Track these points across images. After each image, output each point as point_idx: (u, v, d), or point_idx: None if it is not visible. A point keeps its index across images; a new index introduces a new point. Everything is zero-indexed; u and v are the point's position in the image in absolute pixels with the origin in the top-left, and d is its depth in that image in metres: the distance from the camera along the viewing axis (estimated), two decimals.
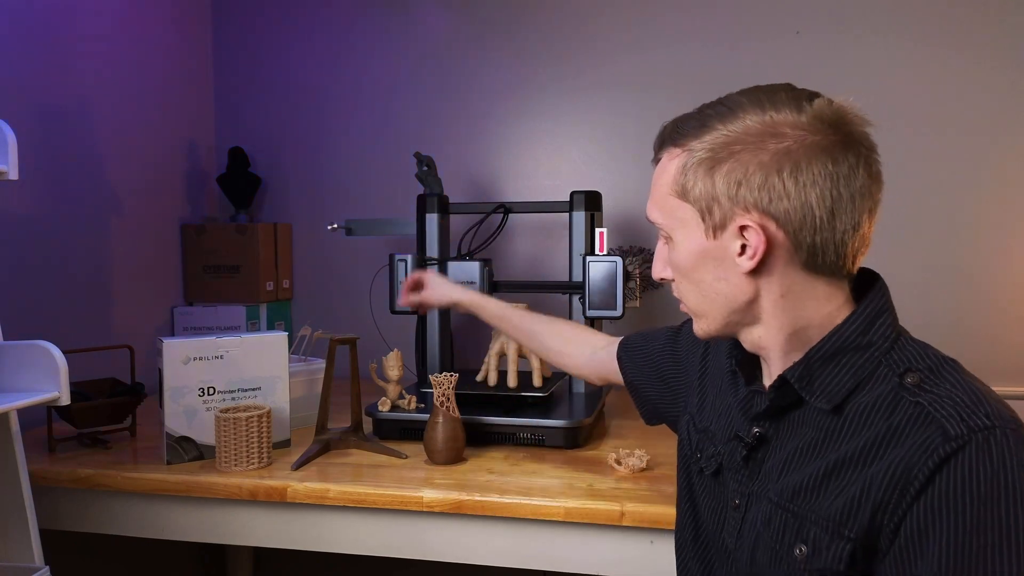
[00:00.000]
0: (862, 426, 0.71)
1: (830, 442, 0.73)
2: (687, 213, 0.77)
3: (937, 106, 1.85)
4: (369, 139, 2.16)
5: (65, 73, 1.72)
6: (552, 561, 1.22)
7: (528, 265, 2.08)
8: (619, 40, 2.00)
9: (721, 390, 0.91)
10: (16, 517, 1.14)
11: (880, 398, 0.72)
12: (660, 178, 0.79)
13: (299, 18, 2.19)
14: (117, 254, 1.87)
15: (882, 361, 0.73)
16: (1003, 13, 1.81)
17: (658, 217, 0.80)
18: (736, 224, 0.73)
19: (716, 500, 0.86)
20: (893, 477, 0.67)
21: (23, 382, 1.14)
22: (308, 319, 2.06)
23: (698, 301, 0.80)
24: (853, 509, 0.69)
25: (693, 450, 0.92)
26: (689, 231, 0.77)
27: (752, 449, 0.80)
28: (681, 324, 1.08)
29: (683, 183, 0.76)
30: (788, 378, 0.76)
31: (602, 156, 2.03)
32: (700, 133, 0.75)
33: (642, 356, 1.11)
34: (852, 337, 0.74)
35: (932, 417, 0.67)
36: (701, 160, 0.74)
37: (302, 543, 1.29)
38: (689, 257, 0.78)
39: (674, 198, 0.77)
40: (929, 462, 0.65)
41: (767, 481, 0.78)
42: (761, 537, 0.76)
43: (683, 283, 0.81)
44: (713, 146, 0.74)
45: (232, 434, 1.30)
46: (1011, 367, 1.83)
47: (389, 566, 1.47)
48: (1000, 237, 1.84)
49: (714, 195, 0.74)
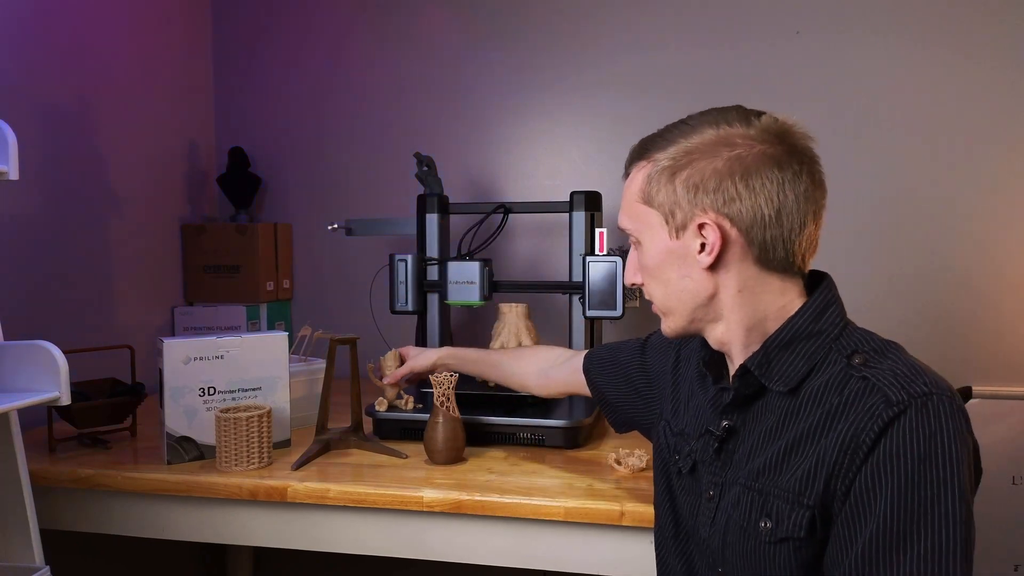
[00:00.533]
0: (816, 405, 0.79)
1: (788, 423, 0.80)
2: (653, 217, 0.85)
3: (937, 106, 1.85)
4: (369, 139, 2.16)
5: (65, 73, 1.72)
6: (552, 561, 1.22)
7: (528, 265, 2.08)
8: (619, 40, 2.00)
9: (693, 393, 0.97)
10: (16, 517, 1.14)
11: (831, 378, 0.79)
12: (628, 189, 0.88)
13: (299, 18, 2.19)
14: (117, 254, 1.87)
15: (832, 347, 0.81)
16: (1003, 13, 1.81)
17: (628, 224, 0.89)
18: (695, 223, 0.82)
19: (692, 495, 0.91)
20: (843, 444, 0.74)
21: (23, 382, 1.14)
22: (308, 319, 2.06)
23: (665, 299, 0.88)
24: (810, 479, 0.76)
25: (671, 453, 0.97)
26: (655, 233, 0.85)
27: (723, 441, 0.86)
28: (647, 336, 1.14)
29: (648, 190, 0.85)
30: (749, 366, 0.83)
31: (602, 156, 2.03)
32: (663, 146, 0.84)
33: (611, 368, 1.17)
34: (804, 326, 0.82)
35: (876, 387, 0.74)
36: (663, 168, 0.83)
37: (302, 543, 1.29)
38: (656, 257, 0.86)
39: (641, 204, 0.86)
40: (874, 426, 0.72)
41: (738, 469, 0.84)
42: (731, 519, 0.83)
43: (652, 283, 0.89)
44: (674, 156, 0.83)
45: (232, 434, 1.30)
46: (1009, 366, 1.83)
47: (389, 566, 1.47)
48: (997, 237, 1.84)
49: (675, 199, 0.83)
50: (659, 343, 1.10)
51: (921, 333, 1.83)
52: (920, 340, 0.80)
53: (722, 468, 0.86)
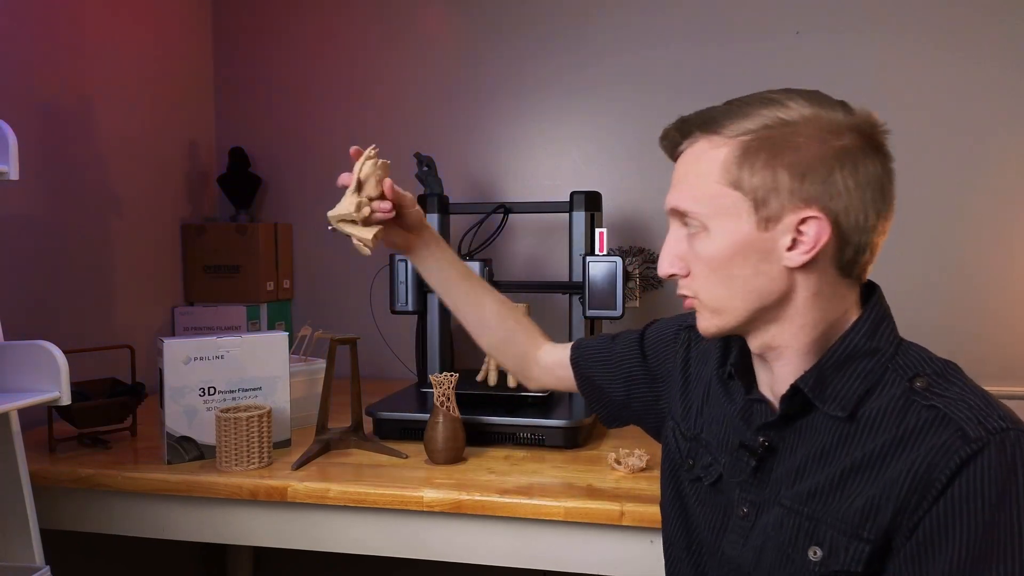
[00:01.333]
0: (875, 430, 0.73)
1: (844, 447, 0.74)
2: (736, 203, 0.74)
3: (937, 105, 1.85)
4: (369, 139, 2.16)
5: (66, 73, 1.72)
6: (552, 561, 1.22)
7: (528, 265, 2.08)
8: (619, 40, 2.00)
9: (711, 397, 0.91)
10: (16, 517, 1.14)
11: (891, 402, 0.73)
12: (697, 165, 0.76)
13: (299, 18, 2.19)
14: (117, 254, 1.87)
15: (888, 366, 0.75)
16: (1004, 13, 1.81)
17: (692, 206, 0.76)
18: (796, 217, 0.72)
19: (714, 509, 0.86)
20: (915, 478, 0.68)
21: (23, 382, 1.14)
22: (308, 319, 2.06)
23: (721, 296, 0.77)
24: (872, 511, 0.70)
25: (684, 457, 0.91)
26: (734, 222, 0.74)
27: (761, 459, 0.80)
28: (644, 328, 1.06)
29: (735, 171, 0.73)
30: (801, 387, 0.76)
31: (602, 156, 2.03)
32: (743, 119, 0.73)
33: (605, 359, 1.07)
34: (860, 342, 0.76)
35: (949, 419, 0.69)
36: (758, 149, 0.72)
37: (302, 543, 1.29)
38: (728, 248, 0.75)
39: (721, 186, 0.74)
40: (951, 463, 0.67)
41: (777, 488, 0.78)
42: (771, 540, 0.77)
43: (710, 278, 0.77)
44: (770, 134, 0.72)
45: (232, 434, 1.30)
46: (1009, 366, 1.83)
47: (389, 566, 1.47)
48: (999, 236, 1.84)
49: (775, 185, 0.72)
50: (660, 337, 1.03)
51: (921, 333, 1.83)
52: (920, 340, 0.79)
53: (758, 486, 0.80)
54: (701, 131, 0.76)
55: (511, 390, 1.53)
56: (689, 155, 0.78)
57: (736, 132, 0.74)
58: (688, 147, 0.78)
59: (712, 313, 0.79)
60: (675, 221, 0.80)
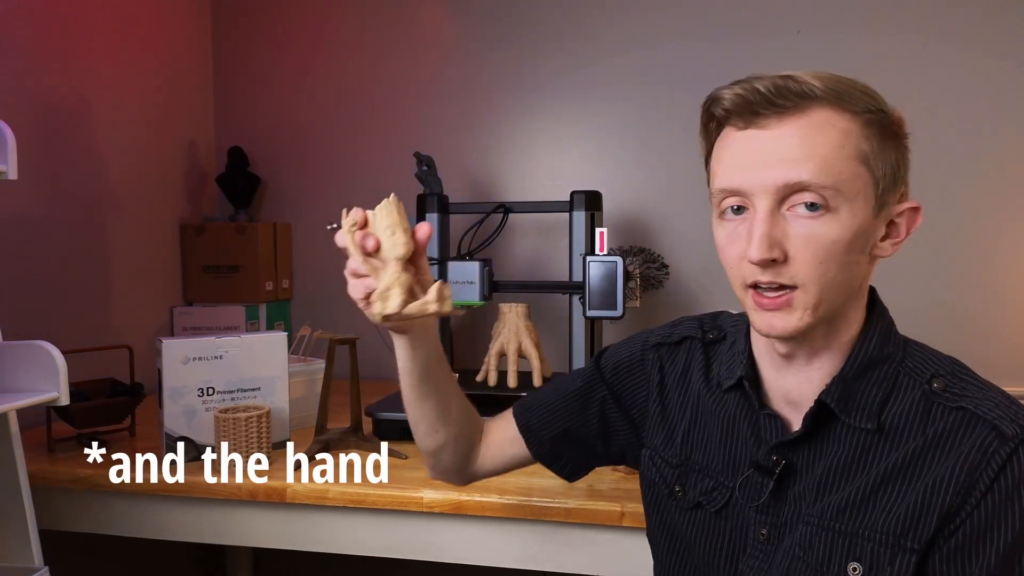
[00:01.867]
0: (901, 437, 0.72)
1: (869, 457, 0.72)
2: (867, 184, 0.69)
3: (938, 104, 1.85)
4: (369, 138, 2.16)
5: (65, 73, 1.71)
6: (552, 561, 1.22)
7: (528, 265, 2.08)
8: (619, 39, 2.00)
9: (701, 418, 0.86)
10: (15, 517, 1.14)
11: (912, 407, 0.72)
12: (825, 136, 0.68)
13: (299, 18, 2.18)
14: (117, 254, 1.87)
15: (900, 370, 0.74)
16: (1005, 12, 1.81)
17: (825, 179, 0.67)
18: (904, 205, 0.73)
19: (720, 535, 0.81)
20: (957, 482, 0.67)
21: (23, 382, 1.14)
22: (308, 319, 2.06)
23: (831, 286, 0.70)
24: (915, 519, 0.69)
25: (670, 485, 0.86)
26: (861, 203, 0.69)
27: (780, 479, 0.76)
28: (597, 356, 0.97)
29: (868, 150, 0.69)
30: (827, 401, 0.73)
31: (602, 156, 2.03)
32: (865, 97, 0.71)
33: (561, 401, 0.96)
34: (874, 350, 0.75)
35: (981, 419, 0.69)
36: (878, 129, 0.70)
37: (302, 543, 1.29)
38: (852, 232, 0.69)
39: (856, 163, 0.69)
40: (993, 463, 0.67)
41: (799, 506, 0.75)
42: (800, 562, 0.74)
43: (823, 264, 0.69)
44: (881, 118, 0.70)
45: (231, 434, 1.30)
46: (1009, 366, 1.82)
47: (389, 566, 1.47)
48: (999, 236, 1.84)
49: (892, 171, 0.71)
50: (620, 361, 0.94)
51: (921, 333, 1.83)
52: (920, 340, 0.79)
53: (776, 507, 0.77)
54: (828, 100, 0.69)
55: (511, 390, 1.52)
56: (806, 124, 0.69)
57: (863, 107, 0.70)
58: (799, 114, 0.69)
59: (812, 308, 0.70)
60: (770, 199, 0.69)
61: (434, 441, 0.95)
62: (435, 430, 0.94)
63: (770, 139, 0.69)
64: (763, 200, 0.69)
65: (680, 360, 0.90)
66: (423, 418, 0.93)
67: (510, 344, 1.57)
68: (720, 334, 0.89)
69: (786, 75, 0.70)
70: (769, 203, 0.69)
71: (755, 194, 0.70)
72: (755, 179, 0.69)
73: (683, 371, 0.89)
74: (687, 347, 0.90)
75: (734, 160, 0.72)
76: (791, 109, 0.69)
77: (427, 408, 0.92)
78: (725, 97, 0.72)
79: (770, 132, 0.70)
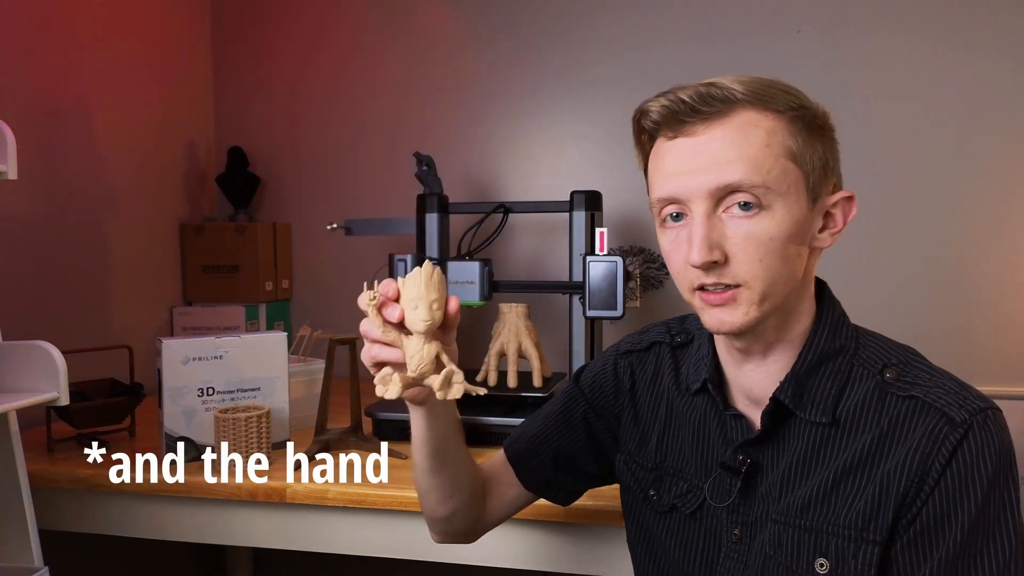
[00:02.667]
0: (857, 429, 0.73)
1: (827, 451, 0.74)
2: (798, 179, 0.71)
3: (939, 104, 1.85)
4: (369, 138, 2.16)
5: (65, 73, 1.71)
6: (552, 561, 1.22)
7: (528, 265, 2.08)
8: (619, 39, 2.00)
9: (673, 421, 0.86)
10: (15, 517, 1.14)
11: (866, 398, 0.73)
12: (751, 136, 0.70)
13: (299, 18, 2.18)
14: (116, 254, 1.87)
15: (853, 362, 0.76)
16: (1005, 11, 1.80)
17: (755, 178, 0.69)
18: (839, 195, 0.75)
19: (696, 538, 0.82)
20: (910, 470, 0.69)
21: (22, 382, 1.14)
22: (307, 319, 2.06)
23: (774, 281, 0.71)
24: (874, 510, 0.70)
25: (644, 489, 0.87)
26: (795, 199, 0.71)
27: (746, 478, 0.78)
28: (576, 374, 0.98)
29: (795, 146, 0.71)
30: (781, 399, 0.75)
31: (602, 156, 2.03)
32: (786, 96, 0.72)
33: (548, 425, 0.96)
34: (826, 343, 0.76)
35: (931, 407, 0.70)
36: (803, 125, 0.72)
37: (302, 544, 1.29)
38: (789, 228, 0.70)
39: (786, 160, 0.70)
40: (944, 449, 0.68)
41: (766, 504, 0.77)
42: (771, 560, 0.75)
43: (763, 261, 0.70)
44: (805, 114, 0.72)
45: (231, 434, 1.30)
46: (1009, 366, 1.82)
47: (389, 566, 1.47)
48: (998, 235, 1.84)
49: (822, 163, 0.72)
50: (596, 375, 0.95)
51: (921, 333, 1.82)
52: (920, 340, 0.79)
53: (746, 505, 0.78)
54: (750, 101, 0.71)
55: (511, 390, 1.52)
56: (732, 127, 0.70)
57: (785, 105, 0.71)
58: (723, 119, 0.71)
59: (757, 303, 0.71)
60: (705, 203, 0.71)
61: (446, 509, 0.93)
62: (449, 497, 0.92)
63: (699, 145, 0.72)
64: (699, 205, 0.71)
65: (650, 365, 0.91)
66: (436, 488, 0.91)
67: (510, 344, 1.57)
68: (687, 337, 0.90)
69: (708, 82, 0.73)
70: (705, 207, 0.71)
71: (691, 199, 0.72)
72: (689, 185, 0.71)
73: (653, 375, 0.91)
74: (656, 352, 0.92)
75: (668, 169, 0.74)
76: (716, 115, 0.71)
77: (441, 478, 0.91)
78: (652, 110, 0.75)
79: (698, 139, 0.72)
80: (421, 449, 0.88)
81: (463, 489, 0.93)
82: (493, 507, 0.98)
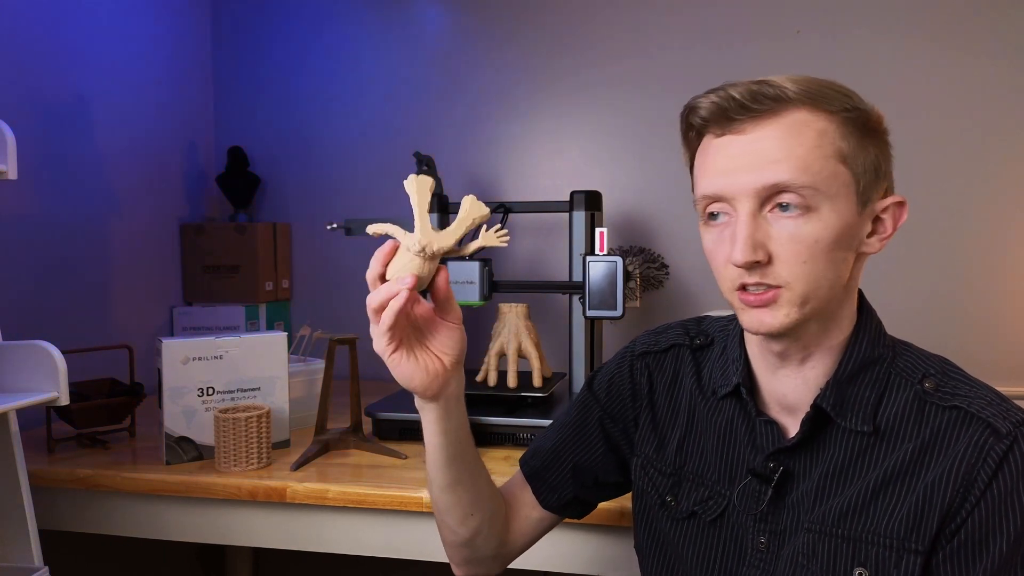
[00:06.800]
0: (897, 438, 0.72)
1: (867, 460, 0.73)
2: (848, 182, 0.70)
3: (939, 105, 1.85)
4: (369, 138, 2.16)
5: (65, 73, 1.71)
6: (552, 561, 1.22)
7: (528, 265, 2.08)
8: (619, 39, 2.00)
9: (696, 426, 0.85)
10: (15, 517, 1.14)
11: (905, 407, 0.73)
12: (802, 137, 0.69)
13: (299, 18, 2.18)
14: (116, 254, 1.87)
15: (891, 371, 0.75)
16: (1006, 12, 1.80)
17: (804, 179, 0.68)
18: (889, 201, 0.73)
19: (715, 545, 0.81)
20: (955, 480, 0.68)
21: (22, 382, 1.14)
22: (307, 319, 2.06)
23: (818, 284, 0.70)
24: (917, 520, 0.69)
25: (662, 495, 0.85)
26: (844, 202, 0.69)
27: (778, 487, 0.76)
28: (589, 381, 0.96)
29: (846, 148, 0.69)
30: (823, 406, 0.74)
31: (602, 156, 2.03)
32: (841, 97, 0.71)
33: (564, 437, 0.93)
34: (866, 352, 0.75)
35: (976, 417, 0.69)
36: (856, 127, 0.70)
37: (302, 544, 1.29)
38: (837, 231, 0.69)
39: (836, 162, 0.69)
40: (990, 460, 0.67)
41: (797, 512, 0.75)
42: (804, 569, 0.73)
43: (808, 263, 0.69)
44: (859, 116, 0.71)
45: (231, 434, 1.30)
46: (1009, 366, 1.82)
47: (389, 566, 1.47)
48: (998, 235, 1.84)
49: (873, 166, 0.71)
50: (611, 378, 0.93)
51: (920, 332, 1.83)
52: (919, 340, 0.79)
53: (775, 514, 0.76)
54: (803, 101, 0.70)
55: (511, 390, 1.53)
56: (783, 126, 0.69)
57: (839, 107, 0.70)
58: (774, 117, 0.70)
59: (798, 305, 0.70)
60: (751, 202, 0.69)
61: (468, 529, 0.88)
62: (470, 514, 0.87)
63: (748, 143, 0.70)
64: (744, 203, 0.70)
65: (668, 368, 0.89)
66: (456, 505, 0.87)
67: (510, 344, 1.57)
68: (707, 339, 0.89)
69: (760, 80, 0.71)
70: (751, 206, 0.70)
71: (736, 198, 0.70)
72: (735, 183, 0.70)
73: (672, 378, 0.89)
74: (675, 354, 0.90)
75: (714, 166, 0.72)
76: (766, 113, 0.70)
77: (460, 492, 0.86)
78: (701, 106, 0.73)
79: (747, 136, 0.70)
80: (437, 458, 0.85)
81: (483, 505, 0.88)
82: (517, 530, 0.94)
